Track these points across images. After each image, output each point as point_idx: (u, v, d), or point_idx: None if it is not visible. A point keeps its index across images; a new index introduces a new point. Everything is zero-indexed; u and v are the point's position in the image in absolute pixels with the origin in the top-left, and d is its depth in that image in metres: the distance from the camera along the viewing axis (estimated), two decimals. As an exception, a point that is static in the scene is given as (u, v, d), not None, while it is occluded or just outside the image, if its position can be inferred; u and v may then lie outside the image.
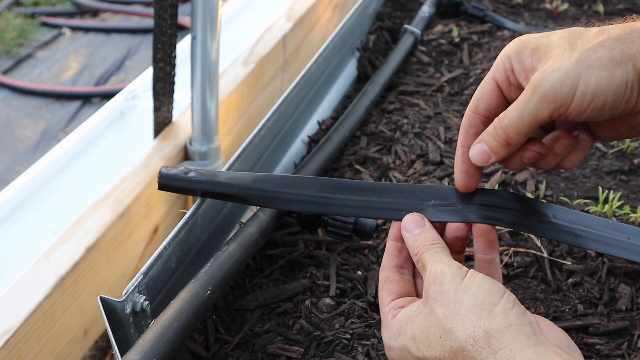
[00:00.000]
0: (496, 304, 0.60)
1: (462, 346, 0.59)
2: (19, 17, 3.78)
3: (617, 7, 1.60)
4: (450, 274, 0.63)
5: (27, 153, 2.75)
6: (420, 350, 0.62)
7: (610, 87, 0.60)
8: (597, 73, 0.60)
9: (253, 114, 1.48)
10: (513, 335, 0.58)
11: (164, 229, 1.23)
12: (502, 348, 0.57)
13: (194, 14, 1.13)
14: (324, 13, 1.78)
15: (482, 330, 0.58)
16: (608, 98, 0.61)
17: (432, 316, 0.62)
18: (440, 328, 0.61)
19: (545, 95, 0.61)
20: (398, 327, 0.65)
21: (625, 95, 0.61)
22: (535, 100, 0.61)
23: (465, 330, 0.59)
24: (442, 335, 0.60)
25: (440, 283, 0.62)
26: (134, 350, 0.61)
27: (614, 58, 0.60)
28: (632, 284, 0.81)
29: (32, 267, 0.98)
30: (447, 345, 0.60)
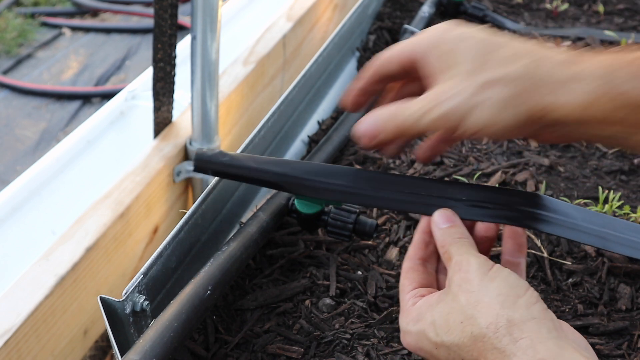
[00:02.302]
0: (520, 297, 0.60)
1: (483, 332, 0.59)
2: (19, 17, 3.78)
3: (617, 7, 1.60)
4: (477, 264, 0.63)
5: (27, 153, 2.75)
6: (438, 336, 0.61)
7: (494, 127, 0.62)
8: (487, 111, 0.61)
9: (253, 114, 1.48)
10: (535, 327, 0.58)
11: (164, 229, 1.23)
12: (523, 337, 0.57)
13: (194, 14, 1.13)
14: (324, 13, 1.78)
15: (505, 319, 0.58)
16: (498, 132, 0.63)
17: (454, 302, 0.62)
18: (461, 314, 0.61)
19: (437, 119, 0.63)
20: (418, 313, 0.64)
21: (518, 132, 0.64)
22: (429, 120, 0.63)
23: (487, 317, 0.59)
24: (463, 321, 0.60)
25: (466, 271, 0.63)
26: (134, 350, 0.61)
27: (510, 100, 0.61)
28: (632, 284, 0.81)
29: (32, 267, 0.98)
30: (467, 331, 0.60)
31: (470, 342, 0.59)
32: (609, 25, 1.51)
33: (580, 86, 0.59)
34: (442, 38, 0.65)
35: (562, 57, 0.61)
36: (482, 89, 0.61)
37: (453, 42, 0.64)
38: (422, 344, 0.63)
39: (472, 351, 0.59)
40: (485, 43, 0.63)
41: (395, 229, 0.92)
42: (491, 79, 0.61)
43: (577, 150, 1.08)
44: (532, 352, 0.56)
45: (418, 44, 0.66)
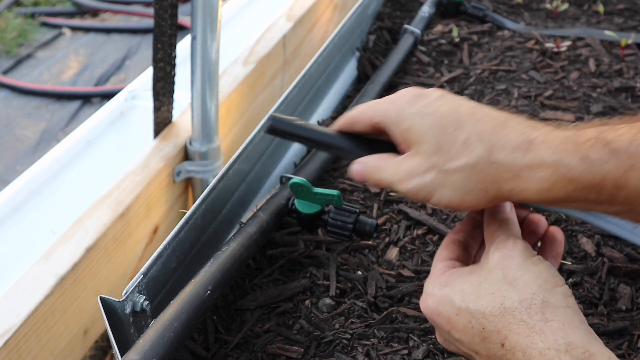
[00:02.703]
0: (559, 286, 0.61)
1: (514, 306, 0.59)
2: (19, 17, 3.78)
3: (617, 7, 1.60)
4: (523, 246, 0.64)
5: (27, 153, 2.75)
6: (464, 301, 0.62)
7: (460, 207, 0.67)
8: (449, 193, 0.66)
9: (253, 114, 1.48)
10: (569, 315, 0.58)
11: (164, 229, 1.23)
12: (555, 320, 0.58)
13: (194, 14, 1.13)
14: (324, 13, 1.78)
15: (540, 299, 0.59)
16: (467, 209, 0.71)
17: (489, 274, 0.63)
18: (495, 285, 0.61)
19: (408, 193, 0.68)
20: (447, 279, 0.65)
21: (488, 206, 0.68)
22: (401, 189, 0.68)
23: (522, 293, 0.60)
24: (495, 292, 0.61)
25: (510, 249, 0.64)
26: (134, 350, 0.61)
27: (468, 184, 0.65)
28: (632, 284, 0.81)
29: (32, 267, 0.98)
30: (497, 302, 0.60)
31: (498, 312, 0.60)
32: (609, 25, 1.51)
33: (538, 173, 0.62)
34: (404, 114, 0.68)
35: (515, 141, 0.63)
36: (445, 174, 0.65)
37: (413, 120, 0.67)
38: (442, 307, 0.64)
39: (497, 322, 0.59)
40: (441, 123, 0.66)
41: (395, 229, 0.92)
42: (451, 167, 0.65)
43: (577, 150, 1.08)
44: (562, 334, 0.56)
45: (384, 115, 0.70)
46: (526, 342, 0.57)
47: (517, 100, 1.21)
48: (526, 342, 0.57)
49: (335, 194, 0.81)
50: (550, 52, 1.36)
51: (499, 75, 1.30)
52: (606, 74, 1.28)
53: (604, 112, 1.16)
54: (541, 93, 1.22)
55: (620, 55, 1.34)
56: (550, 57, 1.35)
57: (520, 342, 0.58)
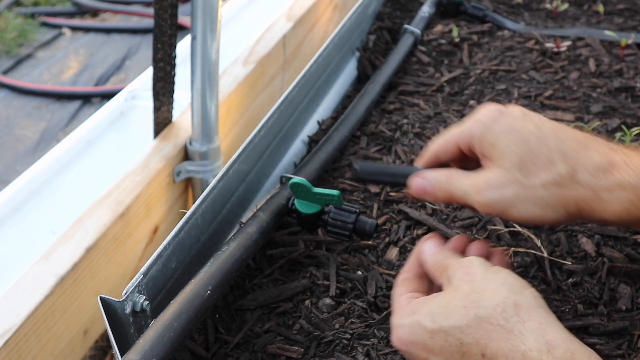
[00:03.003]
0: (526, 288, 0.62)
1: (489, 313, 0.59)
2: (19, 17, 3.78)
3: (617, 7, 1.60)
4: (479, 262, 0.66)
5: (27, 153, 2.75)
6: (436, 322, 0.61)
7: (538, 222, 0.68)
8: (529, 207, 0.67)
9: (253, 114, 1.48)
10: (543, 315, 0.59)
11: (164, 229, 1.23)
12: (531, 320, 0.58)
13: (194, 14, 1.13)
14: (324, 13, 1.78)
15: (512, 302, 0.59)
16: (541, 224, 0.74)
17: (455, 292, 0.63)
18: (464, 300, 0.61)
19: (483, 204, 0.69)
20: (413, 308, 0.65)
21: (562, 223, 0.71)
22: (475, 200, 0.70)
23: (493, 299, 0.60)
24: (467, 305, 0.61)
25: (468, 267, 0.65)
26: (134, 350, 0.61)
27: (548, 201, 0.66)
28: (632, 284, 0.81)
29: (32, 267, 0.98)
30: (471, 313, 0.60)
31: (474, 323, 0.59)
32: (609, 25, 1.51)
33: (618, 194, 0.64)
34: (490, 130, 0.70)
35: (598, 162, 0.66)
36: (526, 189, 0.67)
37: (499, 136, 0.69)
38: (415, 335, 0.63)
39: (475, 333, 0.59)
40: (526, 141, 0.68)
41: (395, 229, 0.92)
42: (533, 182, 0.67)
43: (577, 150, 1.08)
44: (541, 333, 0.57)
45: (468, 133, 0.72)
46: (507, 346, 0.57)
47: (517, 100, 1.21)
48: (507, 346, 0.57)
49: (335, 194, 0.81)
50: (550, 52, 1.36)
51: (499, 75, 1.30)
52: (606, 74, 1.28)
53: (604, 112, 1.16)
54: (541, 93, 1.22)
55: (620, 55, 1.34)
56: (550, 57, 1.35)
57: (502, 347, 0.57)
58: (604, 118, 1.14)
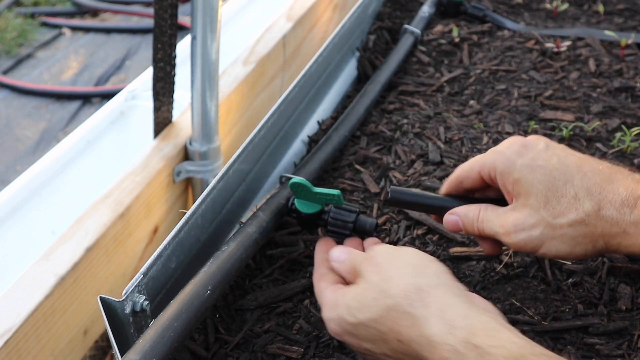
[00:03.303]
0: (427, 266, 0.66)
1: (396, 301, 0.63)
2: (19, 17, 3.78)
3: (617, 7, 1.60)
4: (384, 250, 0.70)
5: (27, 153, 2.75)
6: (354, 316, 0.65)
7: (568, 257, 0.71)
8: (558, 245, 0.69)
9: (253, 114, 1.48)
10: (444, 292, 0.62)
11: (164, 229, 1.23)
12: (433, 302, 0.62)
13: (194, 14, 1.12)
14: (324, 13, 1.78)
15: (414, 287, 0.63)
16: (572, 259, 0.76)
17: (366, 283, 0.67)
18: (374, 291, 0.65)
19: (513, 245, 0.71)
20: (335, 301, 0.69)
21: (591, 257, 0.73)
22: (505, 240, 0.72)
23: (398, 287, 0.63)
24: (377, 296, 0.64)
25: (374, 257, 0.69)
26: (134, 350, 0.61)
27: (576, 238, 0.68)
28: (632, 284, 0.81)
29: (32, 267, 0.98)
30: (381, 304, 0.64)
31: (385, 313, 0.63)
32: (609, 25, 1.51)
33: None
34: (514, 165, 0.71)
35: (623, 196, 0.67)
36: (553, 229, 0.68)
37: (522, 171, 0.71)
38: (342, 328, 0.67)
39: (387, 321, 0.63)
40: (550, 177, 0.69)
41: (395, 229, 0.92)
42: (560, 222, 0.68)
43: (577, 150, 1.08)
44: (442, 314, 0.60)
45: (491, 165, 0.74)
46: (415, 331, 0.61)
47: (517, 100, 1.21)
48: (416, 332, 0.61)
49: (335, 194, 0.81)
50: (550, 52, 1.36)
51: (499, 75, 1.30)
52: (606, 74, 1.28)
53: (604, 112, 1.16)
54: (541, 93, 1.22)
55: (620, 55, 1.34)
56: (550, 57, 1.35)
57: (411, 333, 0.61)
58: (604, 118, 1.14)
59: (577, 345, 0.74)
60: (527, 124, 1.14)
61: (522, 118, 1.16)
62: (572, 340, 0.74)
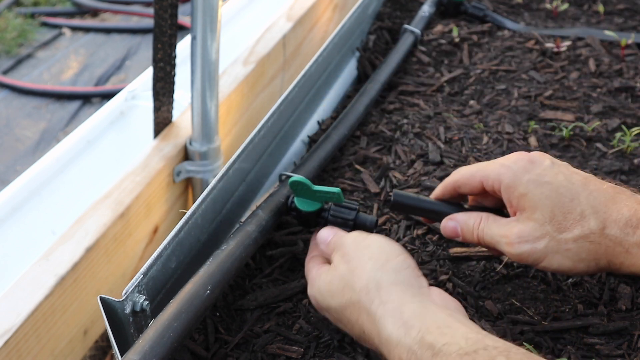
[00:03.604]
0: (390, 261, 0.67)
1: (357, 296, 0.65)
2: (19, 17, 3.78)
3: (617, 7, 1.60)
4: (352, 238, 0.72)
5: (27, 153, 2.75)
6: (325, 300, 0.70)
7: (569, 272, 0.71)
8: (561, 260, 0.70)
9: (253, 114, 1.48)
10: (400, 291, 0.64)
11: (164, 229, 1.23)
12: (390, 301, 0.63)
13: (194, 14, 1.12)
14: (324, 13, 1.78)
15: (375, 283, 0.65)
16: (572, 275, 0.77)
17: (335, 271, 0.69)
18: (342, 281, 0.68)
19: (514, 255, 0.71)
20: (313, 279, 0.73)
21: (592, 274, 0.75)
22: (507, 250, 0.72)
23: (360, 281, 0.66)
24: (344, 287, 0.67)
25: (343, 245, 0.71)
26: (134, 351, 0.61)
27: (580, 254, 0.69)
28: (632, 284, 0.81)
29: (32, 267, 0.98)
30: (346, 296, 0.66)
31: (349, 305, 0.66)
32: (609, 25, 1.51)
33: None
34: (520, 180, 0.72)
35: (626, 216, 0.68)
36: (558, 243, 0.69)
37: (529, 186, 0.71)
38: (320, 306, 0.72)
39: (352, 314, 0.66)
40: (558, 193, 0.70)
41: (395, 229, 0.92)
42: (566, 237, 0.69)
43: (577, 150, 1.08)
44: (398, 314, 0.62)
45: (496, 178, 0.74)
46: (374, 328, 0.63)
47: (517, 100, 1.21)
48: (375, 329, 0.63)
49: (335, 191, 0.81)
50: (550, 52, 1.36)
51: (499, 75, 1.30)
52: (606, 74, 1.28)
53: (604, 112, 1.16)
54: (541, 93, 1.22)
55: (620, 55, 1.34)
56: (550, 57, 1.35)
57: (371, 329, 0.64)
58: (604, 118, 1.14)
59: (577, 345, 0.74)
60: (527, 124, 1.14)
61: (522, 118, 1.16)
62: (572, 340, 0.74)
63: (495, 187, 0.74)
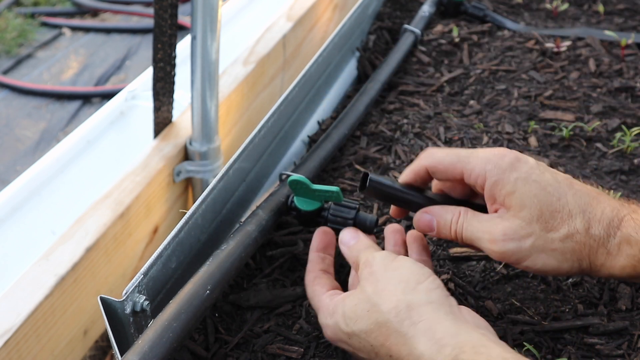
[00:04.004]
0: (421, 283, 0.66)
1: (386, 318, 0.63)
2: (19, 17, 3.78)
3: (617, 7, 1.60)
4: (380, 257, 0.70)
5: (27, 153, 2.75)
6: (348, 326, 0.66)
7: (552, 273, 0.70)
8: (546, 259, 0.68)
9: (253, 114, 1.48)
10: (433, 310, 0.63)
11: (164, 229, 1.23)
12: (422, 320, 0.62)
13: (194, 14, 1.13)
14: (324, 13, 1.78)
15: (405, 304, 0.63)
16: (554, 275, 0.75)
17: (361, 294, 0.67)
18: (368, 303, 0.66)
19: (497, 253, 0.70)
20: (333, 307, 0.69)
21: (568, 275, 0.76)
22: (489, 248, 0.70)
23: (389, 303, 0.64)
24: (370, 309, 0.65)
25: (371, 265, 0.69)
26: (133, 351, 0.61)
27: (565, 254, 0.68)
28: (632, 284, 0.81)
29: (32, 267, 0.98)
30: (372, 318, 0.64)
31: (376, 328, 0.64)
32: (609, 25, 1.51)
33: (625, 250, 0.67)
34: (507, 177, 0.70)
35: (609, 216, 0.67)
36: (544, 242, 0.68)
37: (516, 184, 0.69)
38: (337, 336, 0.69)
39: (378, 337, 0.64)
40: (545, 192, 0.69)
41: (395, 229, 0.92)
42: (553, 236, 0.68)
43: (577, 150, 1.08)
44: (430, 333, 0.60)
45: (479, 173, 0.71)
46: (405, 350, 0.61)
47: (517, 100, 1.21)
48: (405, 350, 0.61)
49: (334, 190, 0.81)
50: (550, 52, 1.36)
51: (499, 75, 1.30)
52: (606, 74, 1.28)
53: (604, 112, 1.16)
54: (541, 93, 1.22)
55: (620, 55, 1.34)
56: (550, 57, 1.35)
57: (401, 350, 0.62)
58: (604, 118, 1.14)
59: (577, 345, 0.74)
60: (527, 124, 1.14)
61: (522, 118, 1.16)
62: (572, 340, 0.74)
63: (479, 182, 0.72)
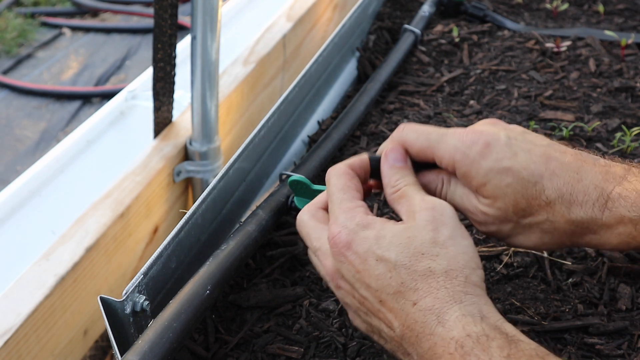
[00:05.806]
0: (480, 268, 0.62)
1: (440, 271, 0.59)
2: (19, 17, 3.79)
3: (617, 7, 1.60)
4: (451, 211, 0.64)
5: (27, 153, 2.75)
6: (390, 251, 0.60)
7: (540, 248, 0.71)
8: (530, 237, 0.69)
9: (253, 113, 1.48)
10: (483, 296, 0.60)
11: (164, 229, 1.23)
12: (472, 294, 0.59)
13: (194, 14, 1.13)
14: (324, 13, 1.78)
15: (464, 276, 0.59)
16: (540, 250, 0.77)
17: (419, 232, 0.61)
18: (425, 246, 0.60)
19: (480, 230, 0.71)
20: (368, 220, 0.63)
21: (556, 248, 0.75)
22: (473, 221, 0.71)
23: (450, 264, 0.60)
24: (426, 253, 0.60)
25: (441, 213, 0.63)
26: (133, 351, 0.61)
27: (546, 233, 0.68)
28: (632, 284, 0.81)
29: (32, 267, 0.98)
30: (425, 263, 0.59)
31: (424, 273, 0.59)
32: (609, 25, 1.51)
33: (617, 229, 0.65)
34: (478, 168, 0.67)
35: (593, 196, 0.65)
36: (522, 227, 0.68)
37: (488, 176, 0.67)
38: (360, 247, 0.61)
39: (420, 281, 0.59)
40: (518, 180, 0.66)
41: (395, 229, 0.92)
42: (530, 221, 0.67)
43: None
44: (477, 307, 0.57)
45: (450, 161, 0.69)
46: (444, 306, 0.57)
47: (517, 100, 1.21)
48: (444, 307, 0.57)
49: (335, 193, 0.81)
50: (550, 52, 1.36)
51: (499, 75, 1.30)
52: (606, 74, 1.28)
53: (604, 112, 1.16)
54: (541, 93, 1.22)
55: (620, 55, 1.34)
56: (550, 57, 1.35)
57: (437, 306, 0.57)
58: (604, 118, 1.14)
59: (577, 345, 0.74)
60: (527, 124, 1.14)
61: (522, 118, 1.16)
62: (572, 340, 0.74)
63: (450, 169, 0.70)
